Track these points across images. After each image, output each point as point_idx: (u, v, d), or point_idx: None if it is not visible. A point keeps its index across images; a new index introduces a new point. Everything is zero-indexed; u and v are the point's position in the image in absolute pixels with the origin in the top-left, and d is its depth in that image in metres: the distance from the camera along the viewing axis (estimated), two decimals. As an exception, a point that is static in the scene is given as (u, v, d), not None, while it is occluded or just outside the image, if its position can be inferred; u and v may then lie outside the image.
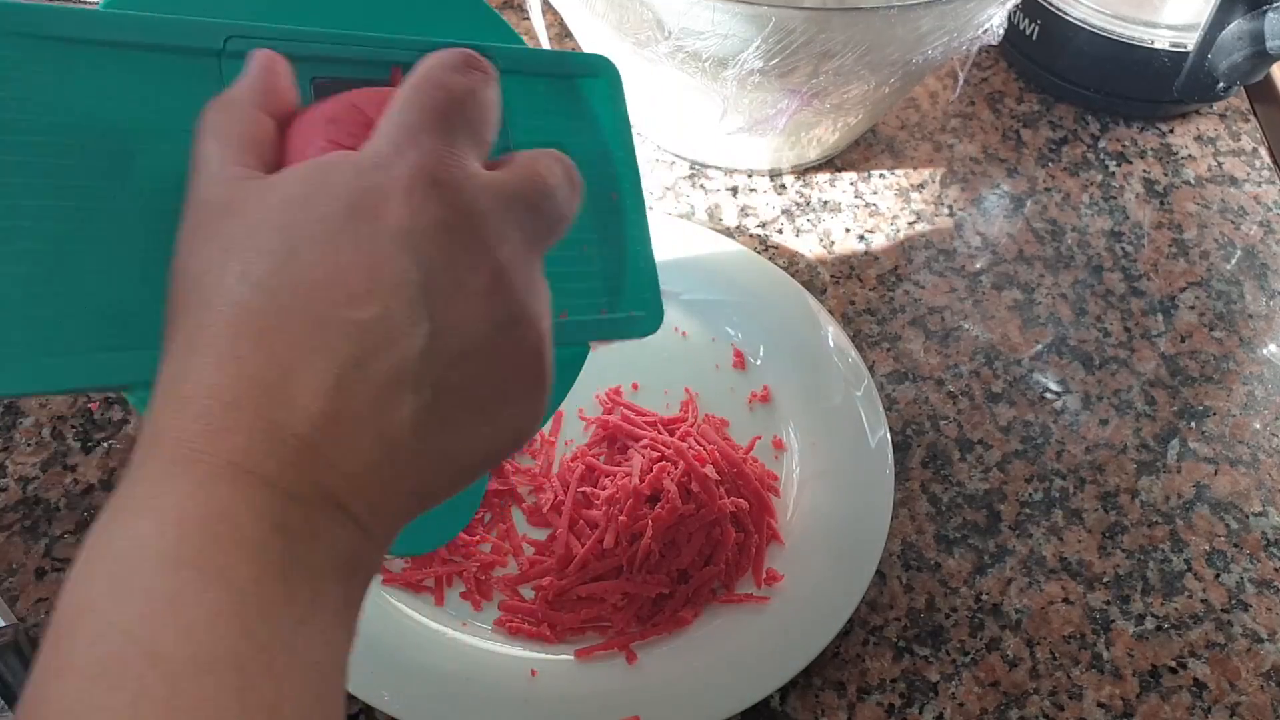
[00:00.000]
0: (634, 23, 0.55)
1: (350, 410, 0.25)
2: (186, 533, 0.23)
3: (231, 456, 0.24)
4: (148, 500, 0.24)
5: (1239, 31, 0.66)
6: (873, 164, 0.70)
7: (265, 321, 0.25)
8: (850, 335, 0.58)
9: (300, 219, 0.26)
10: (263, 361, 0.25)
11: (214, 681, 0.22)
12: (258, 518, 0.24)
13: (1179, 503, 0.55)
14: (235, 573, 0.23)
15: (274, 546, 0.24)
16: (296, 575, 0.24)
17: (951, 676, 0.48)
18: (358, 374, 0.25)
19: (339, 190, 0.26)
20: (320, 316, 0.25)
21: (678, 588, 0.48)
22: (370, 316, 0.25)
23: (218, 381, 0.25)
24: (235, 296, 0.25)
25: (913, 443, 0.56)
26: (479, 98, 0.29)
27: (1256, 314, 0.63)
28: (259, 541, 0.24)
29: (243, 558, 0.23)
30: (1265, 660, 0.49)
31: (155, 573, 0.23)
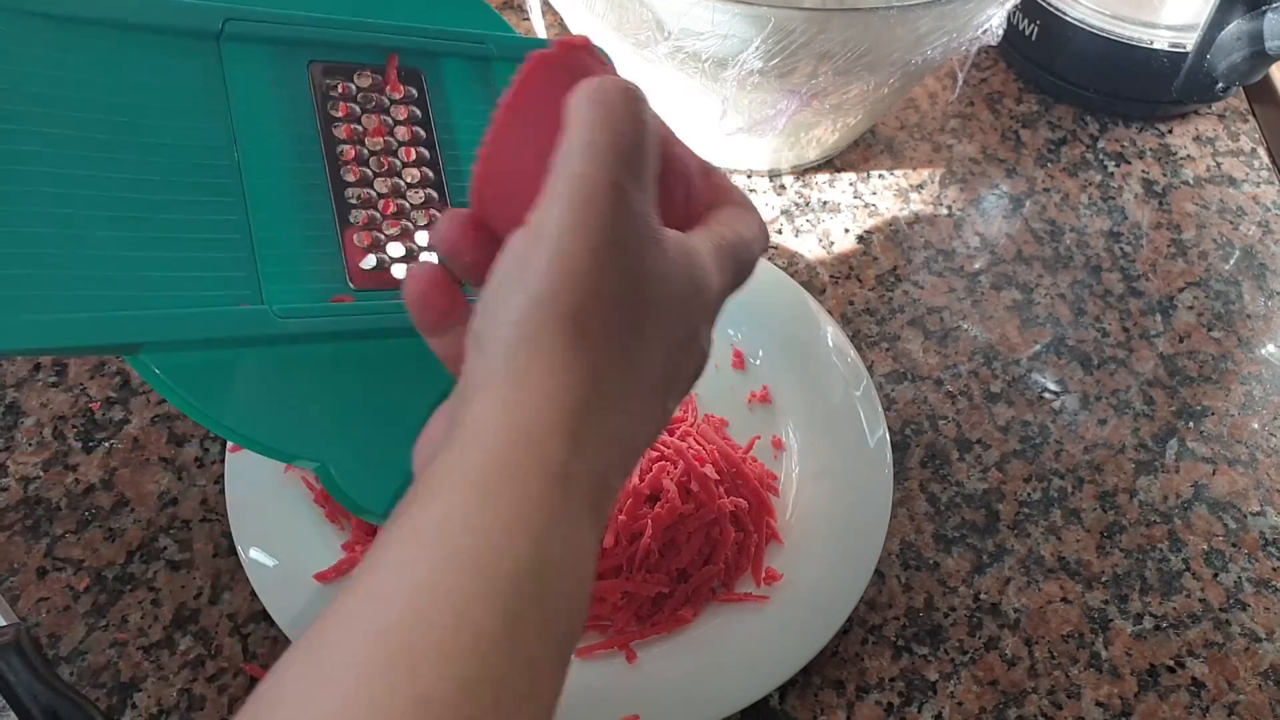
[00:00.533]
0: (634, 23, 0.55)
1: (645, 439, 0.31)
2: (549, 457, 0.26)
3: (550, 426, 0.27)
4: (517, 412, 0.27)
5: (1238, 32, 0.66)
6: (872, 164, 0.70)
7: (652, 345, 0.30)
8: (849, 335, 0.58)
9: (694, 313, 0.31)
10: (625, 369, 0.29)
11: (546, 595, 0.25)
12: (564, 467, 0.27)
13: (1177, 502, 0.55)
14: (574, 516, 0.27)
15: (572, 497, 0.27)
16: (601, 506, 0.28)
17: (950, 675, 0.48)
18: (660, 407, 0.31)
19: (706, 304, 0.32)
20: (670, 354, 0.31)
21: (677, 587, 0.48)
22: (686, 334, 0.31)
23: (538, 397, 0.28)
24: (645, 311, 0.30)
25: (911, 442, 0.56)
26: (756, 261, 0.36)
27: (1255, 314, 0.63)
28: (559, 472, 0.27)
29: (578, 503, 0.27)
30: (1263, 659, 0.49)
31: (532, 474, 0.26)
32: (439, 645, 0.23)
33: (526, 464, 0.26)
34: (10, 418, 0.54)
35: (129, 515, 0.50)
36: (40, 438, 0.53)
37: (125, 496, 0.51)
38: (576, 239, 0.28)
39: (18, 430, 0.53)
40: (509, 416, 0.27)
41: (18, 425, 0.53)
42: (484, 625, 0.23)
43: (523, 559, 0.25)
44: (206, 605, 0.48)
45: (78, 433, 0.53)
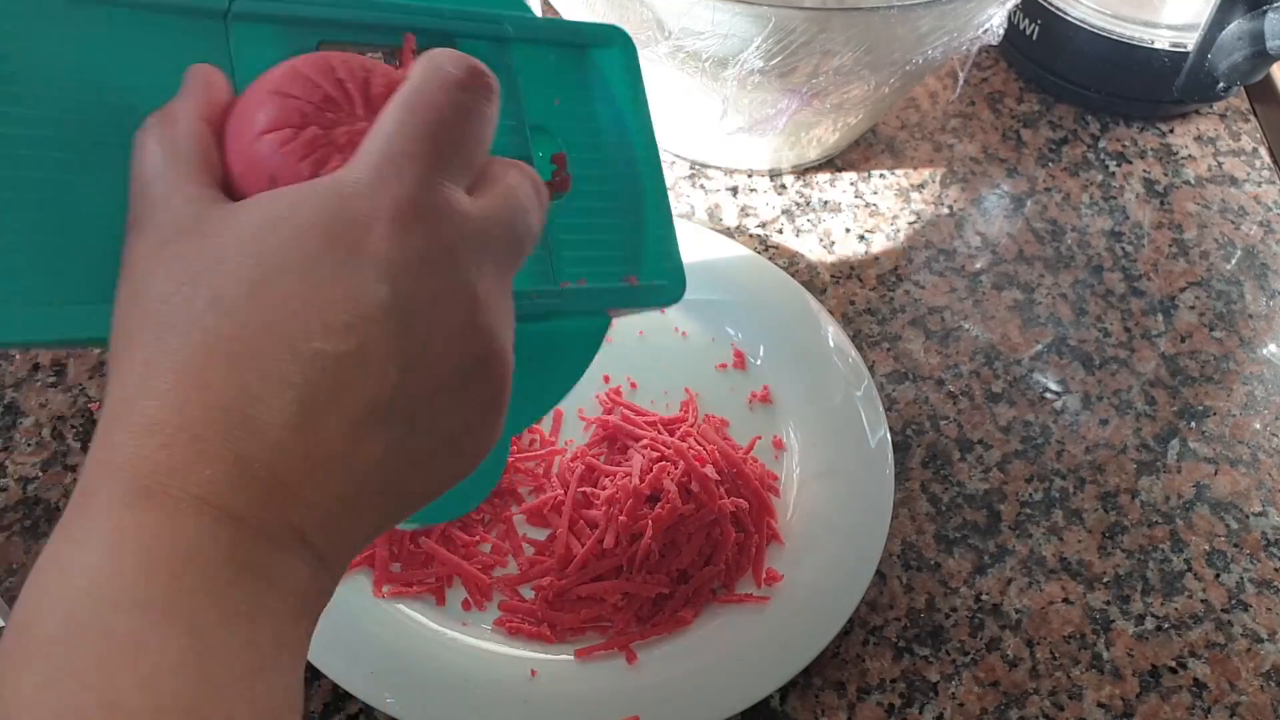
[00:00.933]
0: (634, 23, 0.55)
1: (321, 444, 0.24)
2: (149, 571, 0.22)
3: (198, 490, 0.23)
4: (105, 533, 0.23)
5: (1239, 31, 0.66)
6: (873, 164, 0.70)
7: (236, 349, 0.24)
8: (850, 335, 0.58)
9: (276, 245, 0.25)
10: (233, 391, 0.24)
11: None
12: (224, 557, 0.23)
13: (1179, 503, 0.55)
14: (200, 616, 0.22)
15: (239, 588, 0.23)
16: (261, 618, 0.23)
17: (951, 676, 0.48)
18: (331, 408, 0.24)
19: (318, 217, 0.25)
20: (295, 347, 0.24)
21: (678, 588, 0.48)
22: (346, 350, 0.24)
23: (183, 410, 0.24)
24: (205, 322, 0.24)
25: (913, 443, 0.56)
26: (475, 117, 0.28)
27: (1256, 314, 0.63)
28: (225, 583, 0.23)
29: (208, 600, 0.23)
30: (1265, 660, 0.49)
31: (115, 614, 0.22)
32: None
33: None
34: (9, 418, 0.53)
35: (128, 516, 0.50)
36: (39, 438, 0.53)
37: (124, 497, 0.51)
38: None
39: (16, 430, 0.53)
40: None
41: (16, 425, 0.53)
42: None
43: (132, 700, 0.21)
44: (206, 606, 0.48)
45: (76, 433, 0.53)
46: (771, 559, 0.50)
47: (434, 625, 0.47)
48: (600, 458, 0.52)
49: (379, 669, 0.44)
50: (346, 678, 0.44)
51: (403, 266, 0.25)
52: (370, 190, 0.26)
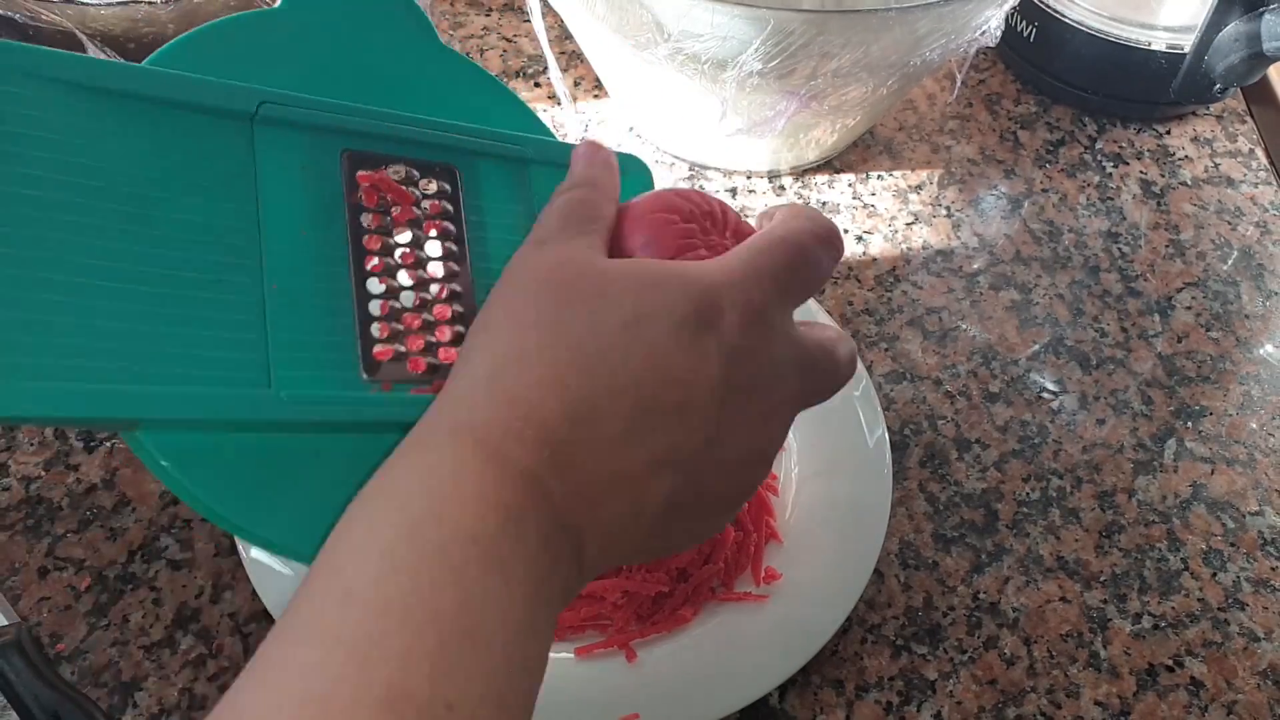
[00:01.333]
0: (633, 25, 0.55)
1: (626, 468, 0.29)
2: (482, 513, 0.27)
3: (534, 466, 0.28)
4: (452, 467, 0.28)
5: (1235, 33, 0.66)
6: (871, 165, 0.70)
7: (595, 367, 0.29)
8: (848, 335, 0.58)
9: (652, 299, 0.30)
10: (582, 398, 0.29)
11: (468, 651, 0.25)
12: (536, 527, 0.28)
13: (1176, 502, 0.55)
14: (511, 567, 0.27)
15: (541, 557, 0.28)
16: (545, 588, 0.28)
17: (949, 675, 0.48)
18: (644, 442, 0.29)
19: (690, 290, 0.30)
20: (639, 385, 0.29)
21: (677, 586, 0.48)
22: (677, 401, 0.29)
23: (541, 400, 0.28)
24: (579, 339, 0.29)
25: (910, 442, 0.56)
26: (824, 269, 0.33)
27: (1253, 314, 0.64)
28: (534, 550, 0.27)
29: (521, 558, 0.27)
30: (1262, 659, 0.50)
31: (451, 539, 0.26)
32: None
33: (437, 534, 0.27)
34: (11, 418, 0.54)
35: (130, 515, 0.51)
36: (42, 437, 0.53)
37: (126, 496, 0.51)
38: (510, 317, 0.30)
39: (19, 430, 0.53)
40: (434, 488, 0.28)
41: (19, 425, 0.53)
42: (411, 685, 0.24)
43: (448, 613, 0.25)
44: (208, 605, 0.48)
45: (79, 432, 0.53)
46: (770, 558, 0.50)
47: None
48: None
49: None
50: None
51: (739, 354, 0.30)
52: (732, 286, 0.31)
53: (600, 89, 0.73)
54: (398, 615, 0.25)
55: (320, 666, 0.24)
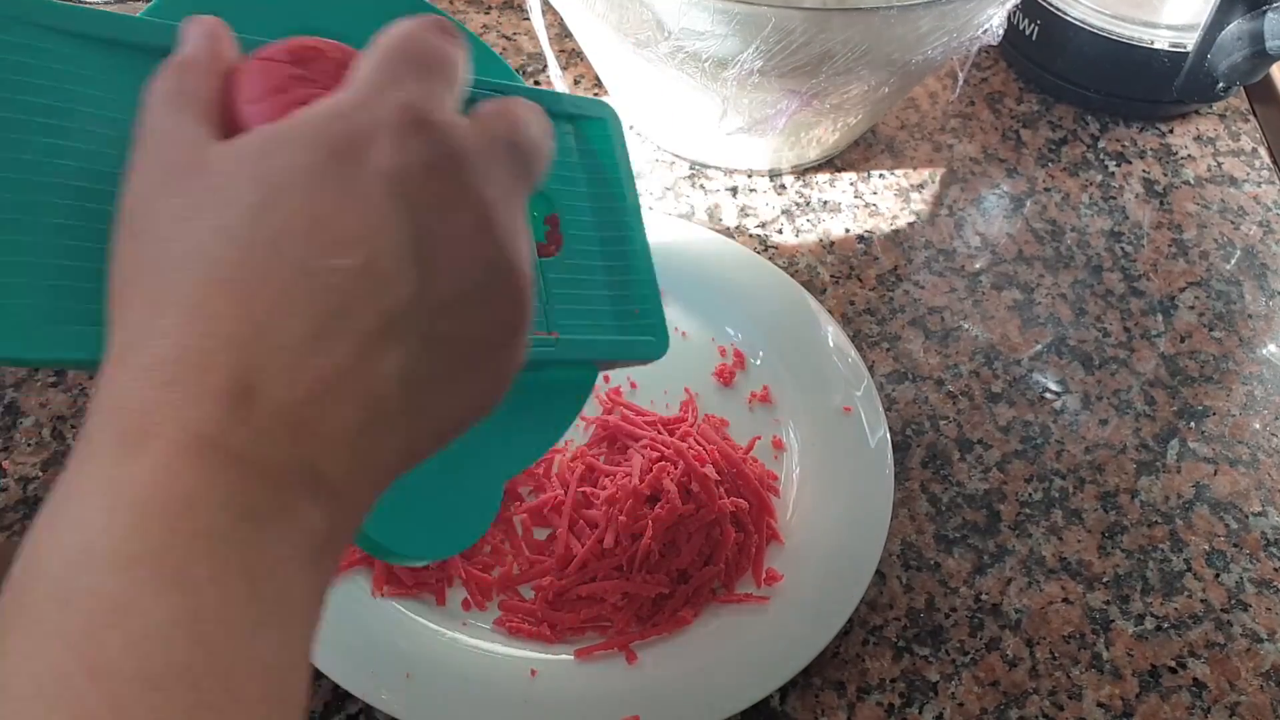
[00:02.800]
0: (634, 23, 0.55)
1: (333, 364, 0.23)
2: (142, 524, 0.21)
3: (200, 427, 0.22)
4: (100, 485, 0.22)
5: (1238, 32, 0.66)
6: (872, 164, 0.70)
7: (243, 274, 0.23)
8: (850, 335, 0.58)
9: (278, 165, 0.25)
10: (239, 317, 0.23)
11: (163, 699, 0.20)
12: (223, 504, 0.22)
13: (1179, 503, 0.55)
14: (193, 572, 0.21)
15: (238, 537, 0.22)
16: (261, 569, 0.22)
17: (951, 676, 0.48)
18: (341, 325, 0.24)
19: (320, 133, 0.25)
20: (303, 266, 0.24)
21: (678, 588, 0.48)
22: (356, 264, 0.24)
23: (188, 343, 0.23)
24: (209, 252, 0.24)
25: (912, 443, 0.56)
26: (450, 55, 0.28)
27: (1256, 314, 0.63)
28: (222, 532, 0.22)
29: (202, 553, 0.22)
30: (1265, 660, 0.49)
31: (104, 572, 0.21)
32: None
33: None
34: (9, 418, 0.53)
35: (128, 516, 0.50)
36: (39, 438, 0.53)
37: (124, 497, 0.51)
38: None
39: (17, 430, 0.53)
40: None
41: (17, 425, 0.53)
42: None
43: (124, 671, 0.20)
44: (206, 606, 0.48)
45: (77, 433, 0.53)
46: (771, 559, 0.50)
47: (434, 625, 0.47)
48: (600, 458, 0.52)
49: (379, 669, 0.44)
50: (347, 677, 0.44)
51: (409, 174, 0.25)
52: (368, 105, 0.25)
53: (600, 87, 0.73)
54: (53, 699, 0.20)
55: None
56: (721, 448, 0.51)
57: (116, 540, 0.21)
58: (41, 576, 0.22)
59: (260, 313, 0.23)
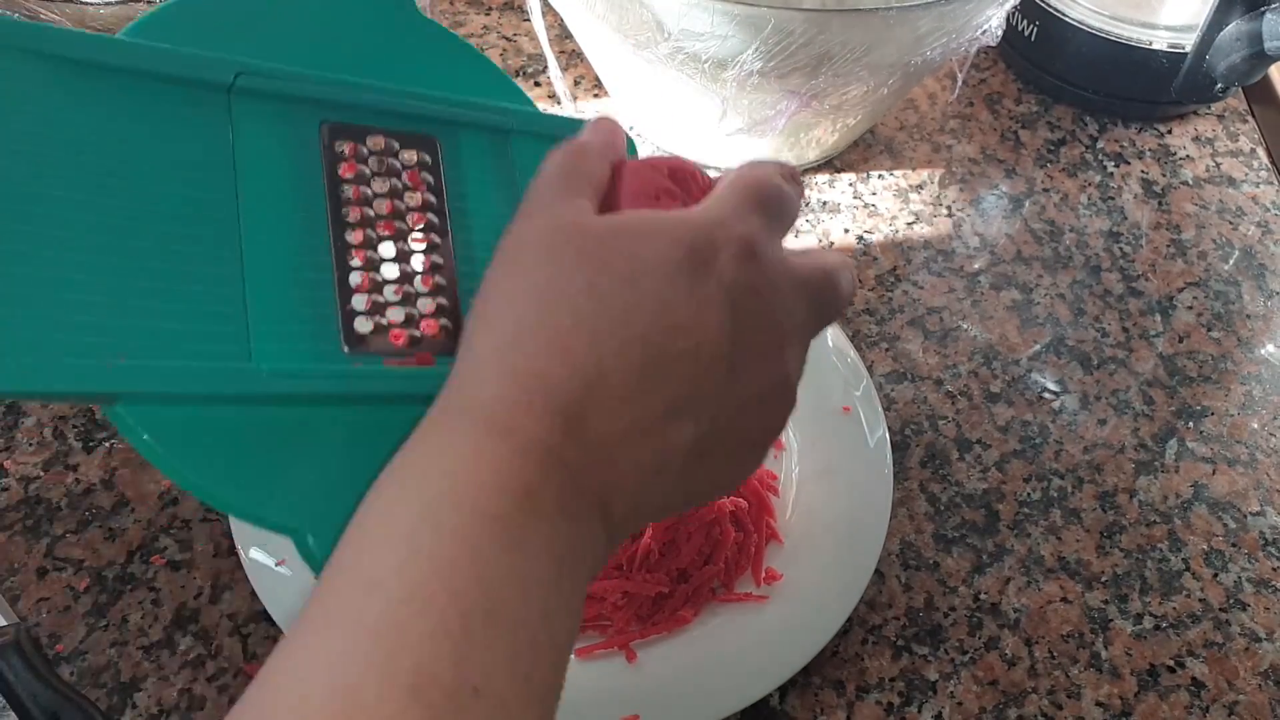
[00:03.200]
0: (634, 24, 0.55)
1: (642, 419, 0.29)
2: (500, 491, 0.27)
3: (544, 435, 0.28)
4: (465, 452, 0.28)
5: (1237, 33, 0.66)
6: (871, 165, 0.70)
7: (599, 325, 0.29)
8: (849, 335, 0.58)
9: (648, 250, 0.30)
10: (588, 356, 0.29)
11: (495, 633, 0.25)
12: (554, 500, 0.28)
13: (1177, 502, 0.55)
14: (531, 544, 0.27)
15: (564, 531, 0.28)
16: (569, 559, 0.28)
17: (950, 675, 0.48)
18: (658, 390, 0.29)
19: (681, 237, 0.30)
20: (646, 336, 0.29)
21: (677, 587, 0.48)
22: (685, 347, 0.29)
23: (547, 366, 0.29)
24: (576, 300, 0.29)
25: (911, 442, 0.56)
26: (792, 203, 0.34)
27: (1254, 314, 0.64)
28: (554, 523, 0.27)
29: (540, 533, 0.27)
30: (1263, 659, 0.50)
31: (469, 518, 0.26)
32: (397, 687, 0.24)
33: (467, 500, 0.27)
34: (11, 418, 0.54)
35: (129, 515, 0.50)
36: (41, 438, 0.53)
37: (125, 496, 0.51)
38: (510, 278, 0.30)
39: (18, 430, 0.53)
40: (454, 464, 0.28)
41: (18, 425, 0.53)
42: (436, 667, 0.24)
43: (470, 595, 0.26)
44: (207, 605, 0.48)
45: (78, 433, 0.53)
46: (771, 559, 0.50)
47: None
48: None
49: None
50: None
51: (740, 289, 0.30)
52: (721, 225, 0.31)
53: (600, 88, 0.73)
54: (420, 601, 0.25)
55: (347, 655, 0.24)
56: None
57: (480, 497, 0.27)
58: (407, 507, 0.27)
59: (605, 358, 0.29)
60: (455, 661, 0.24)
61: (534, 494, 0.27)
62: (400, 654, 0.24)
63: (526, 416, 0.28)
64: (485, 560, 0.26)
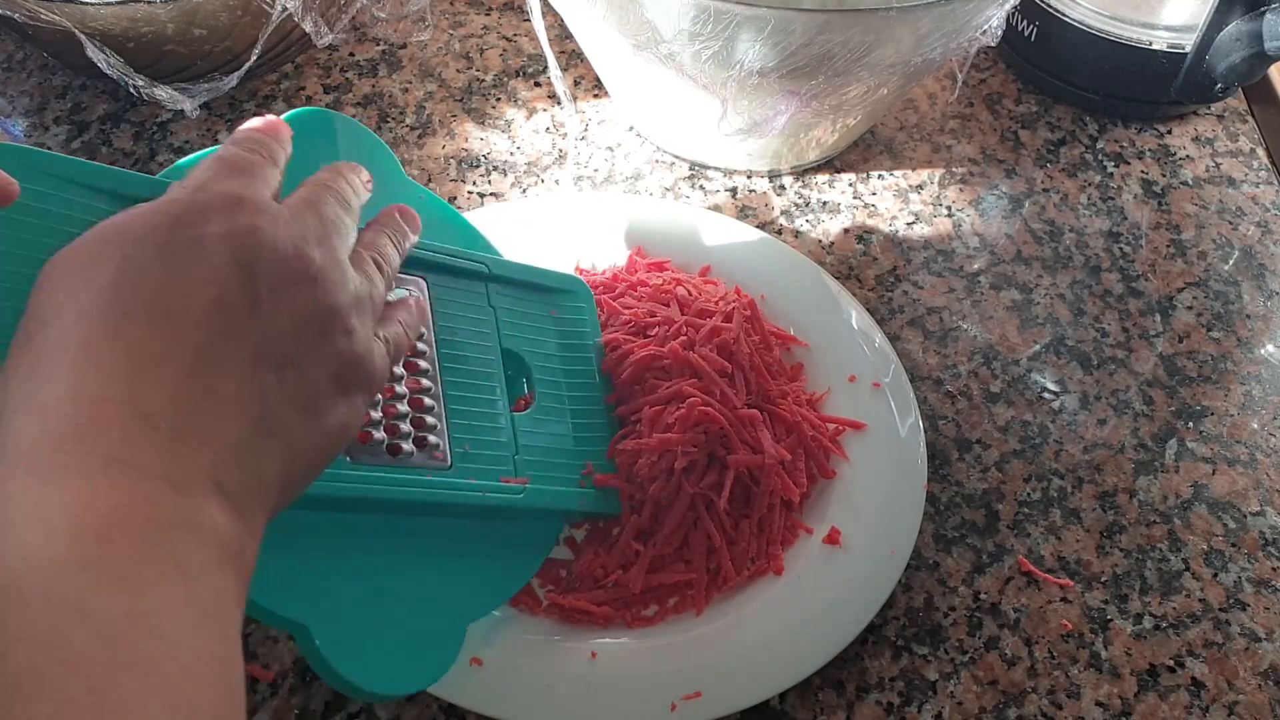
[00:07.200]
0: (634, 24, 0.55)
1: (212, 388, 0.28)
2: (80, 536, 0.23)
3: (108, 449, 0.25)
4: (30, 511, 0.24)
5: (1237, 33, 0.66)
6: (871, 165, 0.70)
7: (113, 319, 0.27)
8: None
9: (131, 234, 0.30)
10: (119, 355, 0.27)
11: (136, 685, 0.22)
12: (146, 516, 0.25)
13: (1177, 502, 0.55)
14: (138, 573, 0.24)
15: (167, 544, 0.25)
16: (194, 568, 0.25)
17: (950, 675, 0.48)
18: (210, 353, 0.28)
19: (164, 209, 0.31)
20: (165, 308, 0.28)
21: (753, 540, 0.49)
22: (210, 299, 0.29)
23: (78, 382, 0.26)
24: (81, 304, 0.28)
25: (911, 443, 0.56)
26: (256, 152, 0.35)
27: (1254, 314, 0.64)
28: (153, 538, 0.25)
29: (140, 558, 0.24)
30: (1263, 659, 0.50)
31: (57, 577, 0.23)
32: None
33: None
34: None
35: (129, 515, 0.50)
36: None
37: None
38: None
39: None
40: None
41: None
42: None
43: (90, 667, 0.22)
44: (207, 605, 0.48)
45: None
46: (797, 557, 0.50)
47: (497, 613, 0.47)
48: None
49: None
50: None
51: (238, 234, 0.31)
52: (203, 188, 0.32)
53: (600, 89, 0.73)
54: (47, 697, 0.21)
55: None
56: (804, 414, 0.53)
57: (60, 551, 0.23)
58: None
59: (136, 350, 0.27)
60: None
61: (123, 517, 0.24)
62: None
63: (80, 440, 0.25)
64: (97, 616, 0.22)
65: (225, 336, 0.29)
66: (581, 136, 0.70)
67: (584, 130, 0.70)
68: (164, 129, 0.68)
